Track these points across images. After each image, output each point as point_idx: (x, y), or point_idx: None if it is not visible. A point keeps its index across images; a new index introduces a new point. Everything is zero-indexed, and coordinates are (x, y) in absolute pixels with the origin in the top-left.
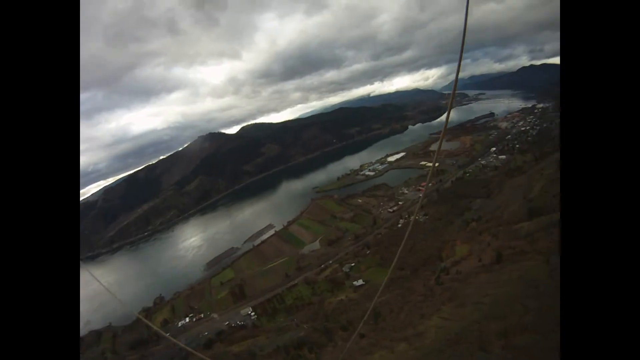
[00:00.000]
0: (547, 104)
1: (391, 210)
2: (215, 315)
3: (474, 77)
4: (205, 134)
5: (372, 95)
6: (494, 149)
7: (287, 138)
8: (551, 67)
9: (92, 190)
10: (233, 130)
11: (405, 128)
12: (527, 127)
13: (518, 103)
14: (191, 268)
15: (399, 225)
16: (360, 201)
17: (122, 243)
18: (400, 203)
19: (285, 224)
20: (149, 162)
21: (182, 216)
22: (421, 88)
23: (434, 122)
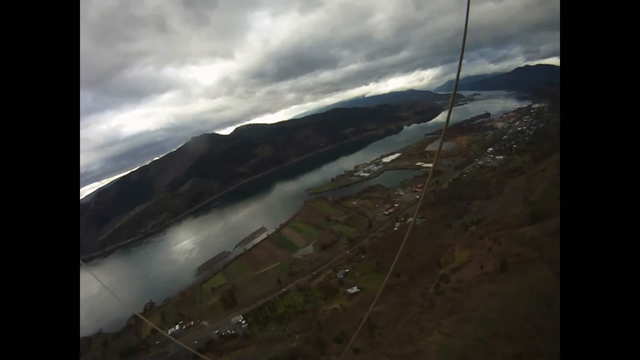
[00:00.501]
0: (543, 104)
1: (387, 212)
2: (205, 323)
3: (469, 78)
4: (198, 135)
5: (367, 96)
6: (491, 150)
7: (281, 139)
8: (546, 68)
9: (86, 192)
10: (227, 131)
11: (400, 128)
12: (524, 127)
13: (513, 103)
14: (182, 273)
15: (395, 228)
16: (354, 203)
17: (114, 246)
18: (396, 205)
19: (277, 227)
20: (143, 164)
21: (175, 218)
22: (416, 89)
23: (429, 123)
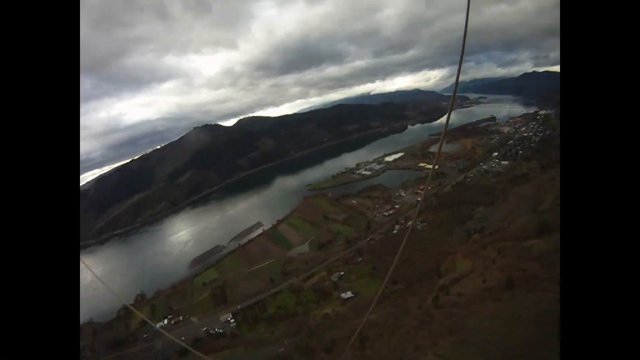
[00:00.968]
0: (550, 111)
1: (387, 213)
2: (194, 319)
3: (476, 81)
4: (200, 126)
5: (373, 93)
6: (496, 154)
7: (284, 133)
8: (554, 75)
9: (87, 178)
10: (230, 123)
11: (404, 128)
12: (530, 133)
13: (519, 108)
14: (176, 265)
15: (395, 231)
16: (354, 202)
17: (111, 234)
18: (396, 206)
19: (274, 223)
20: (144, 152)
21: (173, 209)
22: (422, 89)
23: (434, 124)
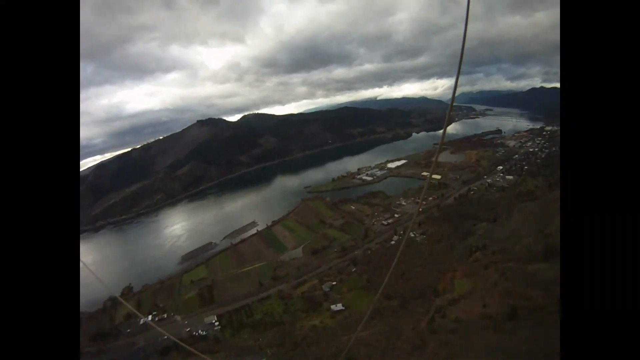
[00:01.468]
0: (556, 127)
1: (386, 222)
2: (178, 318)
3: (483, 92)
4: (204, 119)
5: (379, 98)
6: (501, 168)
7: (288, 132)
8: None
9: (88, 164)
10: (235, 118)
11: (409, 135)
12: (536, 149)
13: (525, 123)
14: (166, 259)
15: (393, 242)
16: (353, 208)
17: (106, 222)
18: (396, 215)
19: (269, 224)
20: (146, 142)
21: (170, 201)
22: (429, 97)
23: (439, 132)
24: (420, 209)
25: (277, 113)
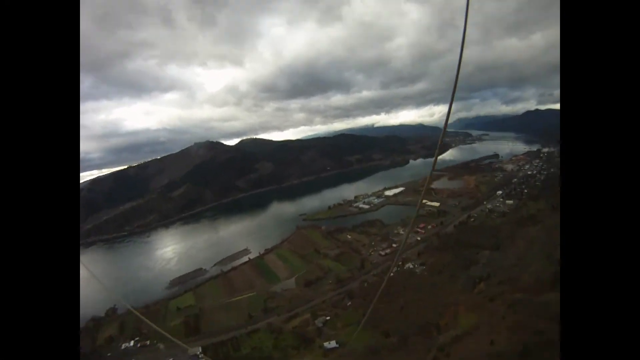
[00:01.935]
0: (553, 149)
1: (383, 253)
2: (162, 346)
3: (479, 118)
4: (202, 142)
5: (377, 125)
6: (500, 192)
7: (285, 158)
8: (557, 113)
9: (84, 178)
10: (233, 142)
11: (406, 162)
12: (534, 172)
13: (522, 146)
14: (154, 282)
15: (391, 274)
16: (349, 237)
17: (97, 239)
18: (394, 245)
19: (262, 252)
20: (144, 160)
21: (163, 222)
22: (425, 124)
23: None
24: (417, 238)
25: (275, 139)
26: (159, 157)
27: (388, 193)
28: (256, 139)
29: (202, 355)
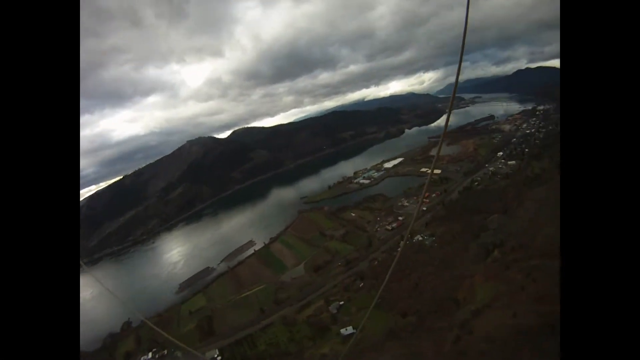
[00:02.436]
0: (548, 106)
1: (390, 227)
2: (179, 354)
3: (470, 81)
4: (194, 139)
5: (367, 99)
6: (501, 154)
7: (278, 143)
8: (547, 70)
9: (82, 195)
10: (225, 134)
11: (401, 132)
12: (533, 130)
13: (516, 106)
14: (164, 289)
15: (399, 248)
16: (353, 215)
17: (102, 254)
18: (400, 218)
19: (267, 242)
20: (138, 167)
21: (165, 226)
22: (416, 92)
23: (431, 126)
24: (423, 208)
25: (266, 125)
26: (153, 162)
27: (387, 165)
28: (248, 128)
29: (220, 358)
